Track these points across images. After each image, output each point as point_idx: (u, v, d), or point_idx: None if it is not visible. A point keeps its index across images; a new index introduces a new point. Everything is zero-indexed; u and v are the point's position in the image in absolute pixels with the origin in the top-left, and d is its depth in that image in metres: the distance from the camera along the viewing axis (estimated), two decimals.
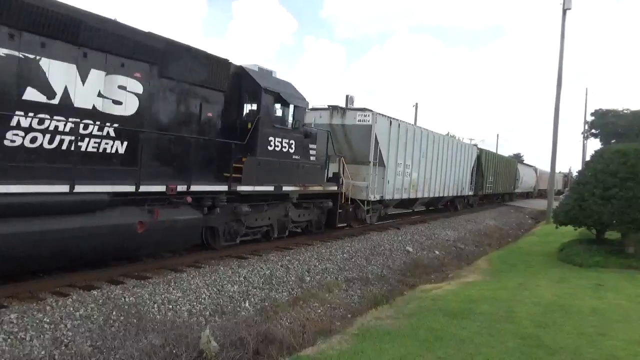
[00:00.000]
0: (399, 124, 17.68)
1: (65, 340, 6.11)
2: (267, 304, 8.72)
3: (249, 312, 8.26)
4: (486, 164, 30.41)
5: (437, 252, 16.15)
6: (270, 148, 11.11)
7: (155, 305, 7.50)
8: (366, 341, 6.10)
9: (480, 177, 29.41)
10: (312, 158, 13.03)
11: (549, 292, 9.46)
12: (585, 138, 52.45)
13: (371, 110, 15.72)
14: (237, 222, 10.78)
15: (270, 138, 11.12)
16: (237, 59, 11.83)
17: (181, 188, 8.89)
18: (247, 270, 9.81)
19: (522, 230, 26.25)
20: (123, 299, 7.38)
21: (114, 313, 6.96)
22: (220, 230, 10.44)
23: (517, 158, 72.84)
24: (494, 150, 47.25)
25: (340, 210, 14.32)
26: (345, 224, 14.92)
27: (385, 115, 16.68)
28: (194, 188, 9.14)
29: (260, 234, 11.94)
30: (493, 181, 32.59)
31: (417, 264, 13.85)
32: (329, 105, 16.29)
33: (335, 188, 14.07)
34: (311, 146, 13.03)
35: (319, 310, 8.99)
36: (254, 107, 11.00)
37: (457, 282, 10.86)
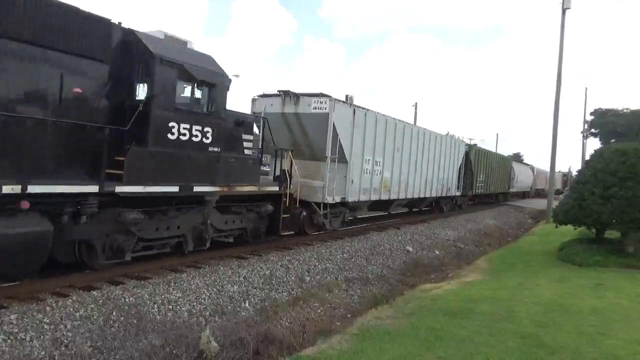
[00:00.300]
0: (366, 114, 15.10)
1: (65, 340, 6.12)
2: (267, 304, 8.72)
3: (249, 312, 8.27)
4: (476, 162, 28.07)
5: (437, 252, 16.16)
6: (172, 137, 8.58)
7: (155, 306, 7.50)
8: (366, 341, 6.10)
9: (469, 176, 27.03)
10: (247, 151, 10.75)
11: (549, 291, 9.46)
12: (585, 137, 52.40)
13: (328, 96, 13.38)
14: (125, 233, 8.34)
15: (172, 124, 8.58)
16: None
17: (11, 189, 6.37)
18: (247, 270, 9.81)
19: (522, 230, 26.27)
20: (123, 299, 7.38)
21: (114, 313, 6.96)
22: (97, 244, 8.01)
23: (517, 157, 72.84)
24: (494, 150, 46.93)
25: (286, 215, 12.04)
26: (292, 231, 12.68)
27: (347, 102, 14.23)
28: (35, 189, 6.63)
29: (170, 247, 9.57)
30: (484, 180, 30.18)
31: (417, 264, 13.86)
32: (279, 91, 13.97)
33: (277, 188, 11.72)
34: (245, 137, 10.74)
35: (319, 310, 9.00)
36: (148, 82, 8.46)
37: (457, 282, 10.86)
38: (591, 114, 53.08)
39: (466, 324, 6.89)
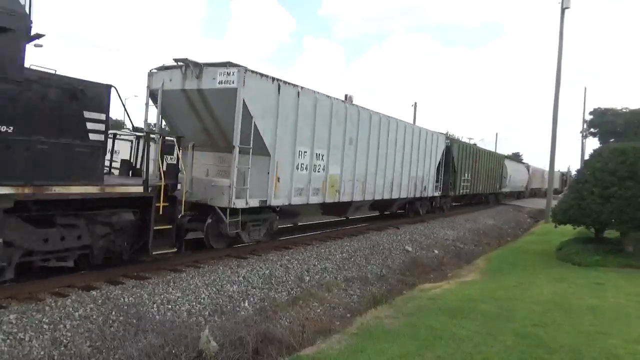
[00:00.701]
0: (299, 92, 11.61)
1: (64, 340, 6.12)
2: (266, 303, 8.73)
3: (249, 311, 8.27)
4: (460, 159, 25.01)
5: (436, 252, 16.17)
6: None
7: (155, 306, 7.50)
8: (366, 341, 6.10)
9: (451, 174, 23.98)
10: (92, 136, 7.53)
11: (548, 291, 9.48)
12: (584, 137, 52.48)
13: (237, 65, 9.97)
14: None
15: None
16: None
17: None
18: (247, 270, 9.81)
19: (521, 230, 26.31)
20: (122, 299, 7.38)
21: (113, 313, 6.96)
22: None
23: (516, 157, 72.85)
24: (493, 149, 46.55)
25: (164, 227, 8.73)
26: (174, 249, 9.07)
27: (268, 76, 10.71)
28: None
29: None
30: (470, 179, 27.03)
31: (416, 264, 13.87)
32: (177, 60, 10.46)
33: (139, 189, 8.38)
34: (89, 115, 7.44)
35: (319, 310, 9.00)
36: None
37: (456, 282, 10.88)
38: (590, 113, 53.16)
39: (465, 323, 6.89)
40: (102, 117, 7.74)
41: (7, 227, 6.65)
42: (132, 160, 10.61)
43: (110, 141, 8.98)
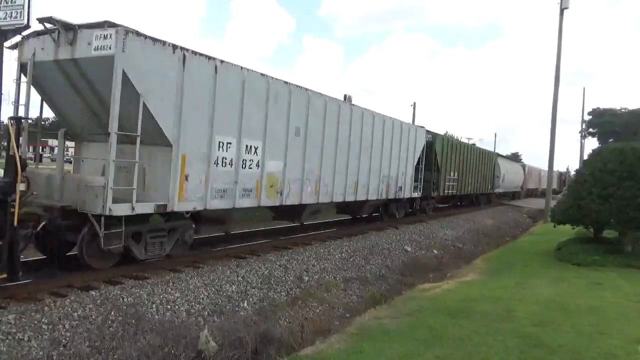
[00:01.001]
0: (217, 67, 9.23)
1: (63, 340, 6.11)
2: (265, 303, 8.72)
3: (248, 312, 8.26)
4: (444, 156, 22.61)
5: (435, 252, 16.18)
6: None
7: (154, 306, 7.49)
8: (365, 341, 6.10)
9: (434, 173, 21.58)
10: None
11: (548, 291, 9.48)
12: (583, 137, 52.60)
13: (117, 25, 7.67)
14: None
15: None
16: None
17: None
18: (246, 270, 9.80)
19: (520, 230, 26.32)
20: (121, 299, 7.37)
21: (113, 313, 6.95)
22: None
23: (515, 157, 72.90)
24: (492, 149, 46.23)
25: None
26: (4, 274, 6.52)
27: (167, 42, 8.30)
28: None
29: None
30: (457, 179, 24.62)
31: (415, 264, 13.87)
32: (42, 20, 8.07)
33: None
34: None
35: (318, 310, 9.00)
36: None
37: (456, 282, 10.88)
38: (589, 113, 53.39)
39: (465, 323, 6.89)
40: None
41: None
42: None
43: None
